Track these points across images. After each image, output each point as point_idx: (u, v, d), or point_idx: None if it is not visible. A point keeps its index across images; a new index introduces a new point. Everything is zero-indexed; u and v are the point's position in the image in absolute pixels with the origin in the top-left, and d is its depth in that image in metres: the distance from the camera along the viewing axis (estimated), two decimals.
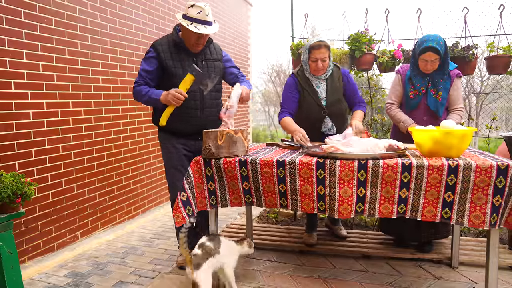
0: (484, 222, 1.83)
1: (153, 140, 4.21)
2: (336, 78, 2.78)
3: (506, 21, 3.67)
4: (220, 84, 2.70)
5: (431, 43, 2.54)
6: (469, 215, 1.85)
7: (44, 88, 2.87)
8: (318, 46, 2.62)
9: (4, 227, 2.02)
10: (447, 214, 1.88)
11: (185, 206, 2.16)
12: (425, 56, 2.59)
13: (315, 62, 2.65)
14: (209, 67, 2.57)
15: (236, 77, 2.69)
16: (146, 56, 2.50)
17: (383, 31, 3.95)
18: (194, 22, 2.35)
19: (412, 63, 2.75)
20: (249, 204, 2.20)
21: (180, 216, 2.15)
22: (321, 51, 2.62)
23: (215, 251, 2.04)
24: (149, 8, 4.11)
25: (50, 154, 2.93)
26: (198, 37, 2.40)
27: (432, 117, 2.73)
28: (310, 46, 2.67)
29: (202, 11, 2.35)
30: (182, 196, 2.17)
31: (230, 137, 2.15)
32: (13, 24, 2.62)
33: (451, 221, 1.87)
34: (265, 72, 19.13)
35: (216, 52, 2.64)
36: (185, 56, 2.50)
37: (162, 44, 2.49)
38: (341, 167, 1.95)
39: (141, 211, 4.04)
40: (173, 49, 2.48)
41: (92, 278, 2.58)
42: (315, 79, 2.77)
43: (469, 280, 2.42)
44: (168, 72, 2.47)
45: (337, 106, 2.77)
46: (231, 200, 2.23)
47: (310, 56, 2.67)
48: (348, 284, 2.39)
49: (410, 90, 2.75)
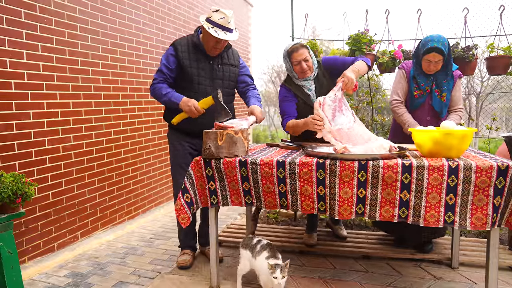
0: (486, 223, 1.82)
1: (154, 140, 4.21)
2: (322, 75, 2.71)
3: (506, 22, 3.68)
4: (233, 89, 2.73)
5: (435, 44, 2.51)
6: (471, 218, 1.84)
7: (44, 88, 2.88)
8: (295, 49, 2.58)
9: (4, 227, 2.02)
10: (450, 218, 1.86)
11: (189, 207, 2.21)
12: (429, 57, 2.57)
13: (298, 64, 2.60)
14: (224, 71, 2.62)
15: (247, 88, 2.72)
16: (166, 54, 2.54)
17: (384, 32, 3.95)
18: (216, 26, 2.39)
19: (415, 63, 2.72)
20: (249, 204, 2.20)
21: (186, 217, 2.21)
22: (299, 52, 2.58)
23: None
24: (149, 9, 4.11)
25: (50, 154, 2.93)
26: (216, 42, 2.44)
27: (435, 118, 2.72)
28: (287, 52, 2.63)
29: (225, 17, 2.40)
30: (185, 197, 2.20)
31: (230, 138, 2.15)
32: (13, 24, 2.62)
33: (455, 225, 1.85)
34: (266, 72, 19.18)
35: (234, 58, 2.68)
36: (202, 58, 2.54)
37: (182, 44, 2.54)
38: (341, 168, 1.95)
39: (141, 211, 4.05)
40: (191, 50, 2.53)
41: (92, 278, 2.58)
42: (305, 83, 2.70)
43: (469, 280, 2.42)
44: (184, 71, 2.52)
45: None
46: (232, 199, 2.23)
47: (292, 61, 2.62)
48: (348, 285, 2.39)
49: (414, 89, 2.72)
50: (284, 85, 2.78)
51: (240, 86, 2.74)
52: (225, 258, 2.85)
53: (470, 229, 1.85)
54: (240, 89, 2.75)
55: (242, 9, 7.03)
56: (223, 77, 2.62)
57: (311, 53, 2.65)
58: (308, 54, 2.60)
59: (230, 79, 2.66)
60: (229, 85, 2.66)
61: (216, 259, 2.33)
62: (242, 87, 2.74)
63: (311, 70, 2.66)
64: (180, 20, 4.74)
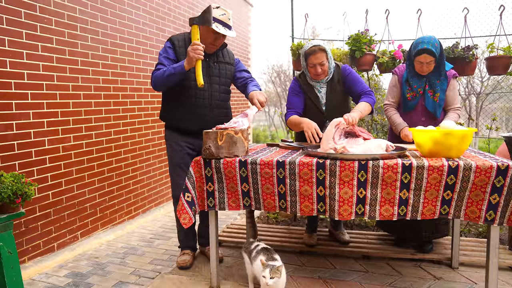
0: (479, 217, 1.86)
1: (153, 140, 4.21)
2: (336, 80, 2.72)
3: (506, 22, 3.68)
4: (229, 87, 2.73)
5: (426, 45, 2.54)
6: (466, 209, 1.89)
7: (44, 88, 2.88)
8: (313, 52, 2.57)
9: (4, 227, 2.02)
10: (445, 210, 1.91)
11: (191, 207, 2.18)
12: (421, 58, 2.59)
13: (314, 67, 2.61)
14: (220, 69, 2.62)
15: (245, 80, 2.71)
16: (164, 48, 2.53)
17: (383, 32, 3.95)
18: (216, 22, 2.40)
19: (408, 64, 2.75)
20: (247, 207, 2.18)
21: (187, 217, 2.15)
22: (317, 56, 2.56)
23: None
24: (149, 9, 4.11)
25: (50, 154, 2.93)
26: (215, 38, 2.45)
27: (430, 118, 2.73)
28: (305, 52, 2.62)
29: (226, 14, 2.43)
30: (187, 197, 2.18)
31: (230, 137, 2.15)
32: (13, 24, 2.62)
33: (449, 216, 1.90)
34: (266, 72, 19.17)
35: (229, 57, 2.69)
36: None
37: (179, 39, 2.54)
38: (341, 168, 1.95)
39: (141, 211, 4.05)
40: (188, 46, 2.50)
41: (92, 278, 2.58)
42: (316, 83, 2.73)
43: (469, 280, 2.42)
44: None
45: (338, 111, 2.68)
46: (229, 203, 2.20)
47: (307, 62, 2.63)
48: (348, 285, 2.39)
49: (407, 92, 2.75)
50: (297, 79, 2.80)
51: (238, 81, 2.72)
52: (225, 258, 2.85)
53: (463, 219, 1.90)
54: (239, 84, 2.71)
55: (242, 9, 7.03)
56: (220, 74, 2.62)
57: (330, 57, 2.65)
58: (325, 58, 2.59)
59: (227, 77, 2.66)
60: (225, 82, 2.67)
61: (216, 259, 2.33)
62: (240, 81, 2.71)
63: (325, 74, 2.67)
64: (180, 20, 4.74)
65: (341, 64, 2.80)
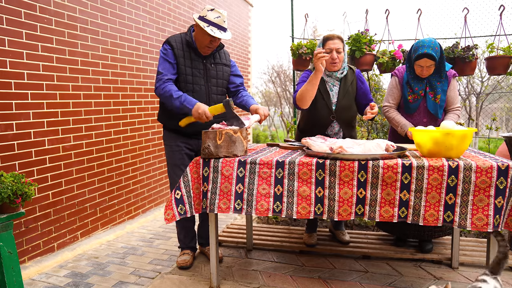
0: (488, 224, 1.80)
1: (153, 140, 4.21)
2: (350, 81, 2.72)
3: (506, 22, 3.68)
4: (225, 88, 2.74)
5: (426, 49, 2.53)
6: (472, 218, 1.82)
7: (44, 88, 2.88)
8: (331, 37, 2.63)
9: (4, 227, 2.02)
10: (449, 217, 1.85)
11: (178, 204, 2.16)
12: (421, 62, 2.59)
13: (331, 52, 2.61)
14: (217, 71, 2.63)
15: (236, 88, 2.74)
16: (163, 52, 2.51)
17: (384, 32, 3.95)
18: (211, 25, 2.41)
19: (408, 67, 2.74)
20: (238, 211, 2.09)
21: (171, 213, 2.14)
22: (335, 41, 2.61)
23: None
24: (149, 9, 4.11)
25: (50, 154, 2.93)
26: (211, 41, 2.45)
27: (431, 120, 2.73)
28: (324, 38, 2.67)
29: (220, 16, 2.43)
30: (176, 194, 2.17)
31: (229, 137, 2.15)
32: (13, 24, 2.62)
33: (454, 225, 1.83)
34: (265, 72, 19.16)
35: (226, 58, 2.70)
36: (195, 56, 2.55)
37: (176, 41, 2.53)
38: (341, 168, 1.95)
39: (141, 211, 4.05)
40: (185, 48, 2.53)
41: (92, 278, 2.58)
42: (329, 79, 2.71)
43: (469, 280, 2.42)
44: (179, 69, 2.51)
45: (347, 113, 2.71)
46: (219, 204, 2.12)
47: (325, 48, 2.63)
48: (348, 285, 2.39)
49: (408, 94, 2.74)
50: (311, 70, 2.77)
51: (230, 86, 2.75)
52: (225, 258, 2.85)
53: (471, 229, 1.83)
54: (232, 89, 2.75)
55: (242, 9, 7.03)
56: (217, 76, 2.63)
57: (346, 50, 2.69)
58: (342, 47, 2.63)
59: (224, 78, 2.67)
60: (222, 84, 2.67)
61: (216, 259, 2.33)
62: (232, 87, 2.75)
63: (340, 64, 2.67)
64: (180, 20, 4.74)
65: (355, 68, 2.82)
